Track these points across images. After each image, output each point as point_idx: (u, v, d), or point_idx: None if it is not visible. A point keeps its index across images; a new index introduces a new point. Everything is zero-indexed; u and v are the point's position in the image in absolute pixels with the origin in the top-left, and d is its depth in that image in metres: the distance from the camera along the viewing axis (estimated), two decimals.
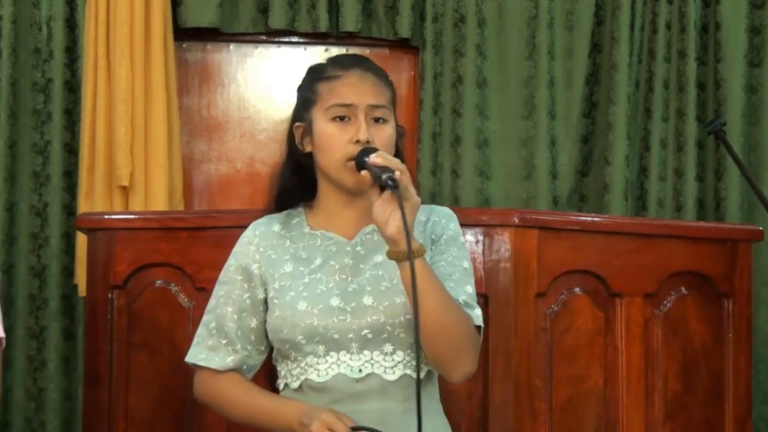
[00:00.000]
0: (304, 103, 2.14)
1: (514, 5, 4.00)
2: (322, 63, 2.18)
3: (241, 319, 2.12)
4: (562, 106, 4.02)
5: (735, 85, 3.99)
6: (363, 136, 2.02)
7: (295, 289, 2.06)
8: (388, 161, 1.92)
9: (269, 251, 2.13)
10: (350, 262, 2.08)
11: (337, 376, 2.02)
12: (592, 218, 3.06)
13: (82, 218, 2.94)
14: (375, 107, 2.07)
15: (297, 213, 2.18)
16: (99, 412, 2.72)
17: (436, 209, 2.16)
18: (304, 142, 2.13)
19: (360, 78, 2.09)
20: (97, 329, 2.74)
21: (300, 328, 2.03)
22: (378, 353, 2.02)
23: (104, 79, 3.59)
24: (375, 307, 2.02)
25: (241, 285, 2.12)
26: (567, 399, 2.74)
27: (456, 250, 2.09)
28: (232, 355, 2.12)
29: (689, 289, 2.91)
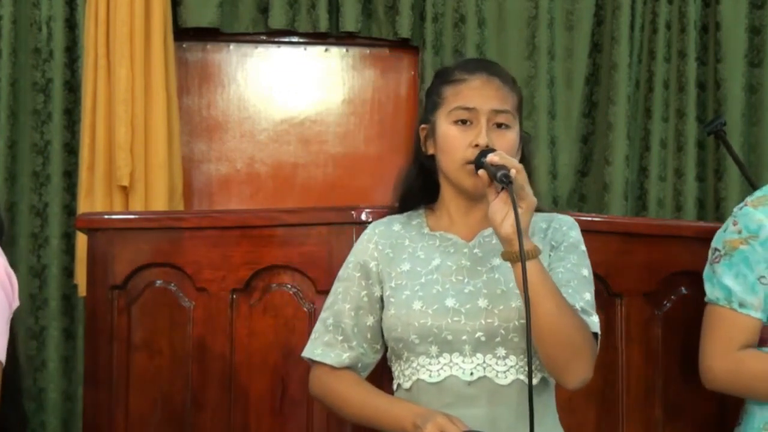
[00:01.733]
0: (429, 106, 2.15)
1: (514, 5, 4.00)
2: (449, 66, 2.18)
3: (358, 316, 2.12)
4: (562, 106, 4.02)
5: (735, 85, 3.99)
6: (482, 141, 2.02)
7: (411, 288, 2.06)
8: (504, 160, 1.92)
9: (387, 249, 2.13)
10: (467, 264, 2.08)
11: (449, 377, 2.02)
12: (592, 218, 3.05)
13: (82, 218, 2.94)
14: (498, 112, 2.06)
15: (418, 215, 2.19)
16: (99, 412, 2.72)
17: (558, 217, 2.16)
18: (427, 144, 2.14)
19: (484, 82, 2.08)
20: (97, 329, 2.74)
21: (414, 328, 2.03)
22: (491, 357, 2.01)
23: (104, 79, 3.59)
24: (489, 309, 2.01)
25: (359, 282, 2.13)
26: (567, 399, 2.74)
27: (576, 257, 2.09)
28: (348, 352, 2.12)
29: (689, 289, 2.91)
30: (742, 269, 2.40)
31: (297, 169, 4.01)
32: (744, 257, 2.40)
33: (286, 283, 2.59)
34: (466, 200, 2.11)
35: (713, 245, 2.48)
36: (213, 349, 2.68)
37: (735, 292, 2.39)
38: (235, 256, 2.68)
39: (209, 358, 2.68)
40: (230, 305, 2.69)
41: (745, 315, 2.39)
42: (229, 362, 2.66)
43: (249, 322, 2.63)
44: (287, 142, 4.02)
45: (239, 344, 2.64)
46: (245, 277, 2.67)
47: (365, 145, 4.05)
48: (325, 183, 4.02)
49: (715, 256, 2.45)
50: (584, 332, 1.98)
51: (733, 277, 2.39)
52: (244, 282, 2.67)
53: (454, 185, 2.10)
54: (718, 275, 2.42)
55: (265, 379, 2.58)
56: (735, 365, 2.39)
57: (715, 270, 2.44)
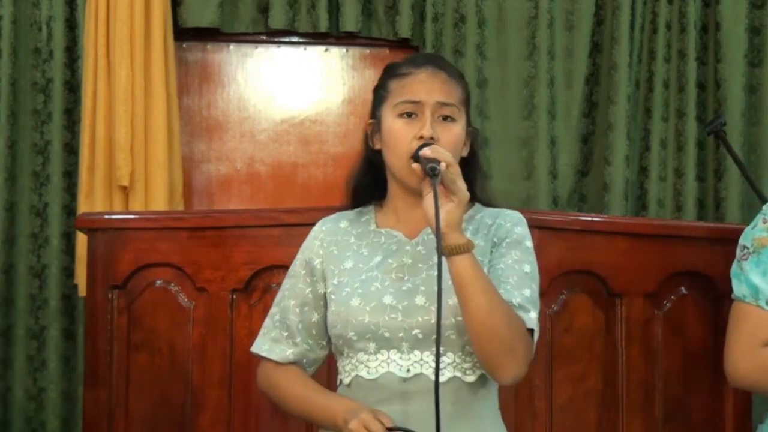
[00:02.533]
0: (376, 101, 2.15)
1: (514, 5, 3.99)
2: (397, 61, 2.18)
3: (303, 313, 2.13)
4: (562, 106, 4.02)
5: (735, 85, 3.99)
6: (427, 132, 2.02)
7: (351, 285, 2.07)
8: (437, 153, 1.92)
9: (332, 247, 2.14)
10: (409, 261, 2.08)
11: (386, 374, 2.02)
12: (592, 218, 3.06)
13: (82, 218, 2.94)
14: (443, 105, 2.06)
15: (368, 211, 2.19)
16: (99, 412, 2.72)
17: (504, 213, 2.15)
18: (374, 139, 2.14)
19: (430, 75, 2.08)
20: (97, 329, 2.74)
21: (352, 325, 2.03)
22: (428, 354, 2.01)
23: (104, 79, 3.59)
24: (427, 307, 2.01)
25: (305, 279, 2.14)
26: (567, 399, 2.74)
27: (518, 253, 2.06)
28: (293, 348, 2.14)
29: (689, 289, 2.91)
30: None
31: (297, 169, 4.01)
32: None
33: None
34: (412, 196, 2.09)
35: (741, 242, 2.46)
36: (213, 349, 2.68)
37: (762, 289, 2.37)
38: (235, 256, 2.69)
39: (209, 358, 2.69)
40: (230, 305, 2.69)
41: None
42: (229, 362, 2.66)
43: (249, 322, 2.63)
44: (287, 142, 4.02)
45: (239, 344, 2.64)
46: (245, 277, 2.68)
47: None
48: (325, 183, 4.02)
49: (744, 253, 2.43)
50: (518, 329, 1.96)
51: (761, 274, 2.37)
52: (244, 282, 2.68)
53: (398, 180, 2.09)
54: (746, 272, 2.40)
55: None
56: (760, 362, 2.37)
57: (742, 267, 2.42)
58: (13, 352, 3.67)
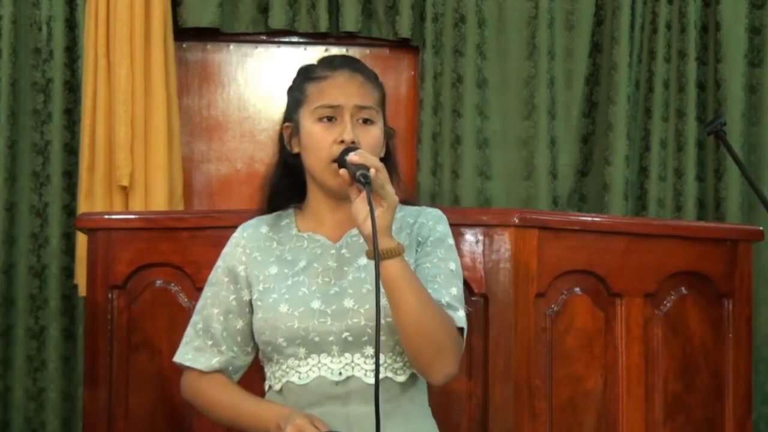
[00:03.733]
0: (293, 104, 2.15)
1: (514, 5, 4.00)
2: (312, 63, 2.18)
3: (227, 320, 2.13)
4: (562, 106, 4.02)
5: (735, 85, 3.99)
6: (348, 137, 2.02)
7: (277, 291, 2.07)
8: (365, 159, 1.92)
9: (255, 253, 2.13)
10: (334, 265, 2.08)
11: (318, 378, 2.03)
12: (592, 218, 3.05)
13: (82, 218, 2.94)
14: (362, 108, 2.07)
15: (287, 215, 2.18)
16: (99, 412, 2.72)
17: (425, 211, 2.15)
18: (292, 142, 2.14)
19: (347, 79, 2.09)
20: (97, 329, 2.74)
21: (281, 331, 2.03)
22: (359, 356, 2.02)
23: (104, 79, 3.59)
24: (356, 309, 2.02)
25: (228, 286, 2.14)
26: (567, 399, 2.74)
27: (443, 251, 2.08)
28: (218, 357, 2.14)
29: (689, 289, 2.91)
30: None
31: None
32: None
33: None
34: (333, 199, 2.10)
35: None
36: None
37: None
38: None
39: None
40: None
41: None
42: None
43: None
44: None
45: None
46: None
47: None
48: None
49: None
50: (449, 328, 1.98)
51: None
52: None
53: (319, 184, 2.10)
54: None
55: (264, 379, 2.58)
56: None
57: None
58: (13, 352, 3.67)
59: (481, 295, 2.62)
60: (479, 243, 2.65)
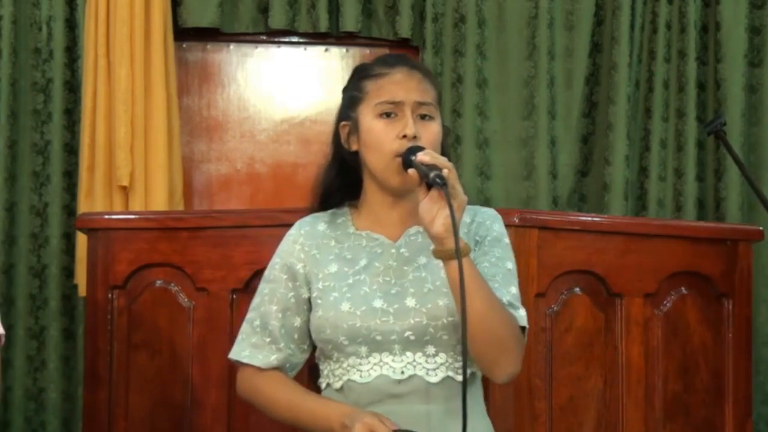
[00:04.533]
0: (350, 102, 2.14)
1: (514, 5, 4.00)
2: (367, 63, 2.18)
3: (285, 317, 2.13)
4: (562, 106, 4.02)
5: (735, 85, 3.99)
6: (410, 131, 2.02)
7: (338, 289, 2.07)
8: (435, 159, 1.92)
9: (314, 251, 2.13)
10: (394, 264, 2.08)
11: (380, 377, 2.02)
12: (592, 218, 3.05)
13: (82, 218, 2.94)
14: (421, 104, 2.07)
15: (342, 213, 2.18)
16: (99, 412, 2.72)
17: (481, 210, 2.16)
18: (350, 140, 2.14)
19: (407, 75, 2.09)
20: (97, 329, 2.74)
21: (343, 329, 2.03)
22: (420, 355, 2.02)
23: (104, 79, 3.59)
24: (418, 309, 2.02)
25: (286, 284, 2.13)
26: (567, 399, 2.74)
27: (500, 251, 2.09)
28: (276, 354, 2.13)
29: (689, 289, 2.91)
30: None
31: (297, 169, 4.01)
32: None
33: None
34: (391, 196, 2.10)
35: None
36: (213, 349, 2.68)
37: None
38: (235, 256, 2.69)
39: (209, 358, 2.68)
40: (230, 305, 2.69)
41: None
42: (229, 362, 2.66)
43: None
44: (287, 142, 4.02)
45: None
46: (245, 277, 2.68)
47: None
48: None
49: None
50: (512, 327, 1.99)
51: None
52: (244, 282, 2.68)
53: (379, 181, 2.09)
54: None
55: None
56: None
57: None
58: (13, 352, 3.67)
59: None
60: None
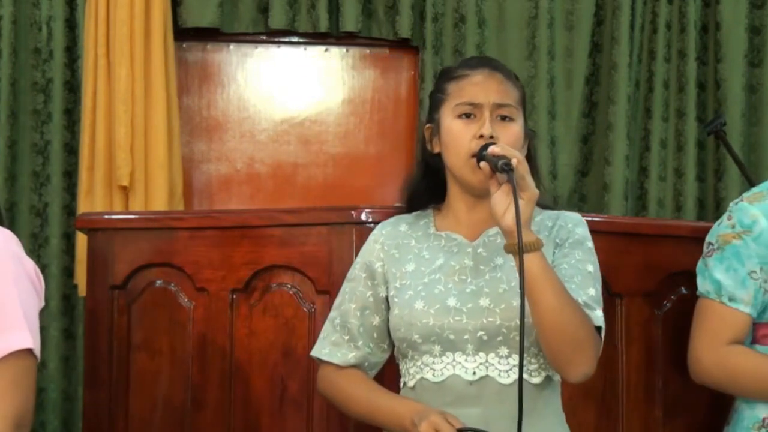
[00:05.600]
0: (434, 104, 2.16)
1: (514, 5, 4.00)
2: (452, 65, 2.19)
3: (364, 316, 2.13)
4: (562, 106, 4.02)
5: (735, 85, 3.99)
6: (486, 131, 2.02)
7: (414, 288, 2.07)
8: (505, 150, 1.92)
9: (393, 250, 2.14)
10: (470, 264, 2.08)
11: (452, 377, 2.02)
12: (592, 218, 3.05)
13: (82, 218, 2.94)
14: (501, 106, 2.07)
15: (426, 215, 2.19)
16: (99, 412, 2.72)
17: (564, 215, 2.16)
18: (433, 142, 2.14)
19: (487, 77, 2.09)
20: (97, 329, 2.74)
21: (416, 327, 2.03)
22: (493, 356, 2.01)
23: (104, 79, 3.59)
24: (491, 309, 2.01)
25: (365, 282, 2.14)
26: (567, 399, 2.74)
27: (581, 253, 2.09)
28: (354, 352, 2.13)
29: (689, 289, 2.91)
30: (733, 263, 2.40)
31: (297, 169, 4.01)
32: (736, 251, 2.40)
33: (286, 283, 2.59)
34: (472, 198, 2.10)
35: (707, 239, 2.49)
36: (213, 349, 2.68)
37: (725, 285, 2.39)
38: (235, 256, 2.68)
39: (209, 358, 2.68)
40: (230, 305, 2.69)
41: (733, 309, 2.39)
42: (229, 362, 2.66)
43: (249, 322, 2.63)
44: (287, 142, 4.02)
45: (239, 344, 2.64)
46: (245, 277, 2.67)
47: (365, 145, 4.05)
48: (325, 183, 4.02)
49: (709, 250, 2.46)
50: (587, 326, 1.98)
51: (724, 270, 2.40)
52: (244, 282, 2.67)
53: (459, 182, 2.10)
54: (710, 269, 2.43)
55: (265, 379, 2.58)
56: (721, 359, 2.39)
57: (707, 263, 2.45)
58: None
59: None
60: None
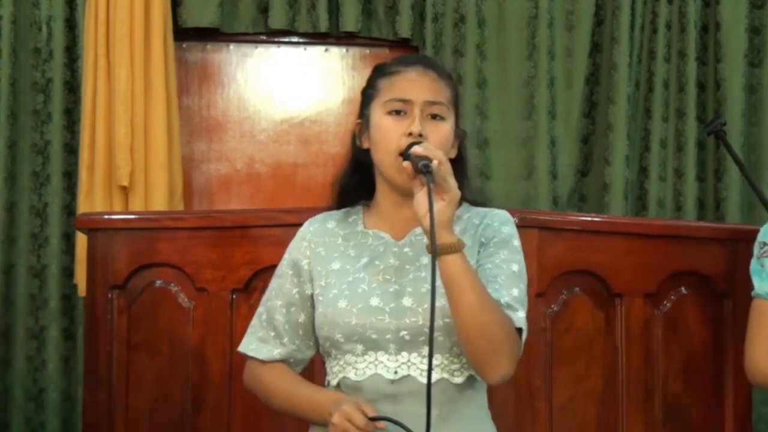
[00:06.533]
0: (365, 100, 2.15)
1: (514, 5, 4.00)
2: (386, 61, 2.18)
3: (290, 313, 2.13)
4: (562, 106, 4.02)
5: (735, 85, 3.99)
6: (415, 129, 2.01)
7: (338, 287, 2.07)
8: (428, 151, 1.91)
9: (320, 248, 2.13)
10: (395, 263, 2.07)
11: (374, 376, 2.02)
12: (592, 218, 3.06)
13: (82, 218, 2.94)
14: (432, 104, 2.06)
15: (356, 211, 2.18)
16: (99, 412, 2.72)
17: (492, 212, 2.14)
18: (362, 138, 2.14)
19: (420, 74, 2.08)
20: (97, 329, 2.74)
21: (339, 327, 2.03)
22: (415, 355, 2.01)
23: (104, 79, 3.59)
24: (414, 308, 2.01)
25: (291, 279, 2.14)
26: (567, 399, 2.74)
27: (506, 252, 2.06)
28: (280, 348, 2.14)
29: (689, 289, 2.91)
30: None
31: (297, 169, 4.01)
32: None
33: None
34: (400, 196, 2.08)
35: (760, 239, 2.45)
36: (213, 349, 2.68)
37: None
38: (235, 256, 2.69)
39: (209, 358, 2.69)
40: (230, 305, 2.69)
41: None
42: (229, 362, 2.66)
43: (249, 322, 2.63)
44: (287, 142, 4.02)
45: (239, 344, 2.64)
46: (245, 277, 2.68)
47: None
48: (325, 183, 3.96)
49: (764, 250, 2.42)
50: (507, 328, 1.96)
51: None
52: (244, 282, 2.68)
53: (386, 180, 2.09)
54: (767, 269, 2.39)
55: None
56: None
57: (763, 264, 2.40)
58: (13, 352, 3.67)
59: None
60: None
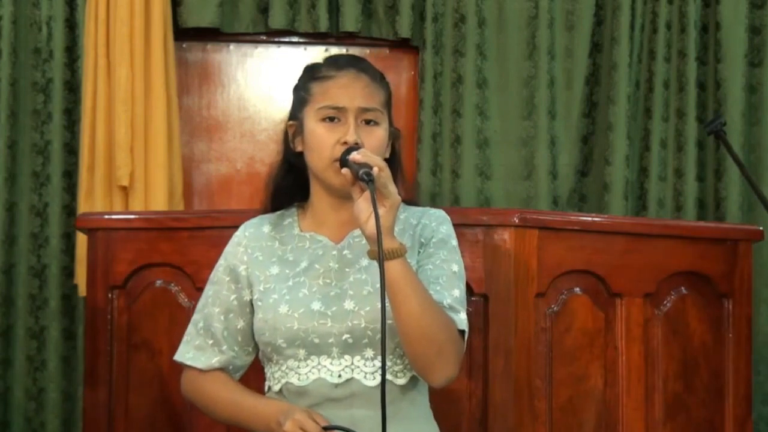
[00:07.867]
0: (297, 102, 2.15)
1: (514, 5, 4.00)
2: (317, 62, 2.17)
3: (228, 320, 2.12)
4: (562, 106, 4.02)
5: (735, 85, 3.99)
6: (351, 138, 2.02)
7: (278, 291, 2.06)
8: (368, 158, 1.91)
9: (257, 253, 2.12)
10: (335, 266, 2.07)
11: (317, 380, 2.02)
12: (592, 218, 3.05)
13: (82, 218, 2.95)
14: (366, 110, 2.06)
15: (290, 214, 2.17)
16: (99, 412, 2.72)
17: (428, 212, 2.14)
18: (295, 141, 2.14)
19: (352, 80, 2.08)
20: (97, 329, 2.75)
21: (281, 332, 2.03)
22: (359, 358, 2.01)
23: (104, 79, 3.59)
24: (356, 311, 2.01)
25: (229, 286, 2.13)
26: (567, 399, 2.74)
27: (445, 253, 2.07)
28: (218, 356, 2.13)
29: (689, 289, 2.91)
30: None
31: None
32: None
33: None
34: (336, 199, 2.09)
35: None
36: None
37: None
38: None
39: None
40: None
41: None
42: None
43: None
44: None
45: None
46: None
47: None
48: None
49: None
50: (450, 330, 1.97)
51: None
52: None
53: (322, 183, 2.09)
54: None
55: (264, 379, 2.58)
56: None
57: None
58: (13, 352, 3.67)
59: (481, 295, 2.62)
60: (479, 243, 2.65)
